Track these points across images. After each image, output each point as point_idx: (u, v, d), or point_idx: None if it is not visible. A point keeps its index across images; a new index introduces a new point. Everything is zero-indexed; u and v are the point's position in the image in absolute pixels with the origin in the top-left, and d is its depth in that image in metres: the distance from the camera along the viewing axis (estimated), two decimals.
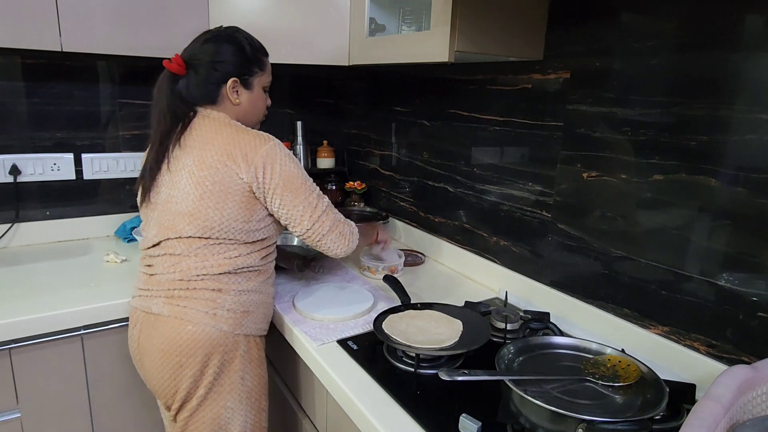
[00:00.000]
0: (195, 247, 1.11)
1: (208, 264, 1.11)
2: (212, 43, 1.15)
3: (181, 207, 1.11)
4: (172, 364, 1.10)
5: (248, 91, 1.19)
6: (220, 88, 1.16)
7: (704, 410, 0.65)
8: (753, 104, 0.90)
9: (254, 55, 1.18)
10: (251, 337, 1.17)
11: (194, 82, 1.15)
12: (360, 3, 1.48)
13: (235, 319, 1.12)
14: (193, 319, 1.09)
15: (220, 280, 1.11)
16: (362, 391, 0.97)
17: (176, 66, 1.14)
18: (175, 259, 1.12)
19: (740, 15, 0.91)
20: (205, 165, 1.09)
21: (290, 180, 1.11)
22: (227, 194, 1.08)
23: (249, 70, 1.18)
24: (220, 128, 1.13)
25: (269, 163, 1.09)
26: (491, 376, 0.89)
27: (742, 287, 0.95)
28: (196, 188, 1.09)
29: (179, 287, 1.11)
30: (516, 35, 1.21)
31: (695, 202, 1.00)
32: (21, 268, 1.48)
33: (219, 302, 1.11)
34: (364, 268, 1.55)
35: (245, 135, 1.11)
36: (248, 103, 1.20)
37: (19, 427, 1.26)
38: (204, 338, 1.09)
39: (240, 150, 1.09)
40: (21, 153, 1.64)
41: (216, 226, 1.10)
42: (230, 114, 1.18)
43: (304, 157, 2.07)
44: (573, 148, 1.23)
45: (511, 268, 1.45)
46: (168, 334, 1.10)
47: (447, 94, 1.62)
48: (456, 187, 1.63)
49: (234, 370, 1.13)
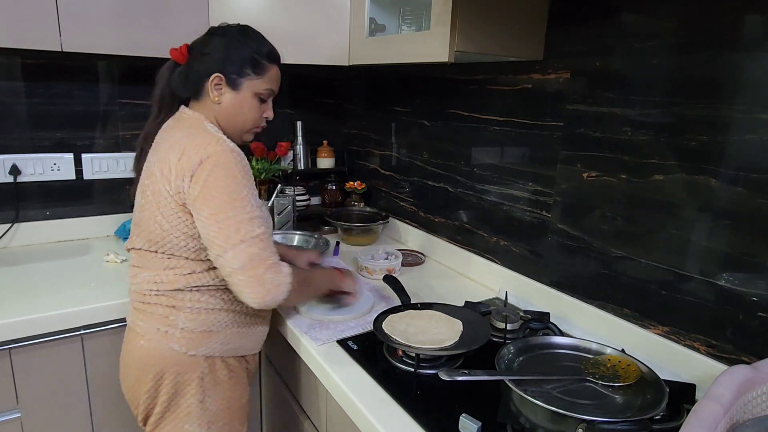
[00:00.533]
0: (147, 260, 1.07)
1: (159, 279, 1.05)
2: (209, 35, 1.11)
3: (136, 216, 1.08)
4: (130, 378, 1.08)
5: (233, 92, 1.08)
6: (204, 82, 1.08)
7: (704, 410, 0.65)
8: (753, 104, 0.90)
9: (251, 56, 1.08)
10: (217, 359, 1.07)
11: (184, 72, 1.10)
12: (360, 3, 1.48)
13: (191, 339, 1.04)
14: (146, 334, 1.05)
15: (175, 297, 1.04)
16: (362, 391, 0.97)
17: (179, 54, 1.10)
18: (135, 270, 1.10)
19: (740, 15, 0.91)
20: (149, 172, 1.04)
21: (214, 191, 0.95)
22: (162, 206, 1.01)
23: (239, 69, 1.07)
24: (181, 129, 1.05)
25: (202, 170, 0.96)
26: (491, 376, 0.89)
27: (742, 287, 0.95)
28: (141, 197, 1.05)
29: (138, 300, 1.08)
30: (516, 35, 1.21)
31: (695, 202, 1.00)
32: (21, 268, 1.48)
33: (171, 320, 1.04)
34: (361, 268, 1.55)
35: (195, 138, 1.00)
36: (231, 105, 1.09)
37: (19, 427, 1.26)
38: (153, 356, 1.04)
39: (179, 153, 0.98)
40: (21, 153, 1.64)
41: (159, 240, 1.03)
42: (209, 114, 1.09)
43: (304, 157, 2.07)
44: (573, 148, 1.23)
45: (511, 268, 1.45)
46: (127, 346, 1.09)
47: (447, 94, 1.62)
48: (456, 187, 1.63)
49: (191, 393, 1.05)
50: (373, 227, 1.86)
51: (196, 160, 0.97)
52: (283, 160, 2.02)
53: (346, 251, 1.77)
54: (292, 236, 1.79)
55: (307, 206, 2.13)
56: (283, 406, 1.40)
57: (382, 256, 1.59)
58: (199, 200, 0.96)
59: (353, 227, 1.85)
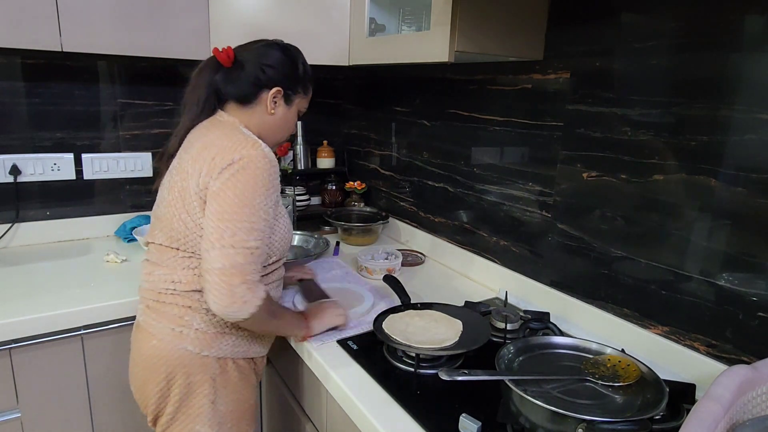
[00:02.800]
0: (166, 257, 1.06)
1: (177, 278, 1.04)
2: (267, 47, 1.12)
3: (159, 211, 1.08)
4: (140, 377, 1.07)
5: (287, 107, 1.14)
6: (260, 92, 1.10)
7: (704, 410, 0.65)
8: (753, 104, 0.90)
9: (304, 76, 1.15)
10: (228, 360, 1.08)
11: (235, 77, 1.09)
12: (360, 3, 1.48)
13: (205, 340, 1.04)
14: (159, 334, 1.04)
15: (191, 297, 1.04)
16: (362, 391, 0.97)
17: (224, 56, 1.09)
18: (151, 267, 1.09)
19: (740, 15, 0.91)
20: (181, 168, 1.04)
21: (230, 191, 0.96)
22: (188, 204, 1.01)
23: (295, 87, 1.13)
24: (218, 129, 1.06)
25: (230, 169, 0.97)
26: (491, 376, 0.89)
27: (742, 287, 0.95)
28: (169, 193, 1.05)
29: (152, 298, 1.07)
30: (516, 35, 1.21)
31: (695, 202, 1.00)
32: (21, 268, 1.48)
33: (187, 320, 1.04)
34: (361, 268, 1.55)
35: (232, 138, 1.01)
36: (282, 118, 1.14)
37: (19, 427, 1.26)
38: (166, 356, 1.03)
39: (215, 152, 0.99)
40: (21, 153, 1.64)
41: (182, 238, 1.03)
42: (254, 122, 1.11)
43: (304, 157, 2.07)
44: (573, 148, 1.23)
45: (511, 268, 1.45)
46: (138, 345, 1.08)
47: (447, 94, 1.62)
48: (456, 187, 1.63)
49: (203, 394, 1.05)
50: (373, 227, 1.86)
51: (228, 159, 0.97)
52: (283, 160, 2.02)
53: (346, 251, 1.77)
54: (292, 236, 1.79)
55: (307, 206, 2.13)
56: (283, 406, 1.40)
57: (382, 256, 1.59)
58: (213, 195, 0.97)
59: (353, 227, 1.85)
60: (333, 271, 1.56)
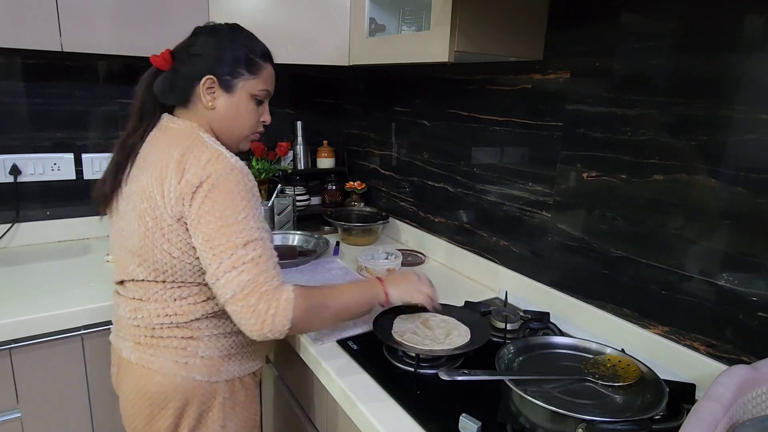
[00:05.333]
0: (153, 292, 0.98)
1: (171, 311, 0.97)
2: (194, 35, 1.02)
3: (129, 244, 0.98)
4: (143, 415, 1.00)
5: (228, 95, 1.00)
6: (194, 86, 0.99)
7: (704, 410, 0.65)
8: (753, 104, 0.90)
9: (245, 55, 1.00)
10: (236, 380, 1.04)
11: (169, 77, 1.00)
12: (360, 3, 1.48)
13: (212, 366, 1.00)
14: (162, 368, 0.98)
15: (191, 327, 0.98)
16: (362, 391, 0.97)
17: (161, 60, 1.00)
18: (136, 304, 1.00)
19: (740, 15, 0.91)
20: (146, 196, 0.94)
21: (209, 215, 0.89)
22: (168, 233, 0.93)
23: (232, 70, 0.99)
24: (176, 142, 0.95)
25: (200, 192, 0.89)
26: (491, 376, 0.89)
27: (742, 287, 0.95)
28: (139, 224, 0.95)
29: (144, 334, 0.99)
30: (516, 35, 1.21)
31: (695, 202, 1.00)
32: (21, 268, 1.49)
33: (191, 350, 0.98)
34: (361, 268, 1.55)
35: (195, 154, 0.92)
36: (226, 109, 1.01)
37: (19, 427, 1.26)
38: (174, 389, 0.98)
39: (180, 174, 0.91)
40: (21, 153, 1.64)
41: (168, 270, 0.95)
42: (202, 122, 1.01)
43: (304, 157, 2.07)
44: (573, 148, 1.23)
45: (511, 268, 1.45)
46: (136, 383, 1.00)
47: (447, 94, 1.62)
48: (456, 187, 1.63)
49: (213, 420, 1.02)
50: (373, 227, 1.86)
51: (195, 182, 0.90)
52: (283, 160, 2.02)
53: (346, 251, 1.77)
54: (292, 236, 1.79)
55: (307, 206, 2.13)
56: (283, 406, 1.40)
57: (382, 256, 1.59)
58: (194, 225, 0.90)
59: (353, 227, 1.85)
60: (333, 271, 1.56)
